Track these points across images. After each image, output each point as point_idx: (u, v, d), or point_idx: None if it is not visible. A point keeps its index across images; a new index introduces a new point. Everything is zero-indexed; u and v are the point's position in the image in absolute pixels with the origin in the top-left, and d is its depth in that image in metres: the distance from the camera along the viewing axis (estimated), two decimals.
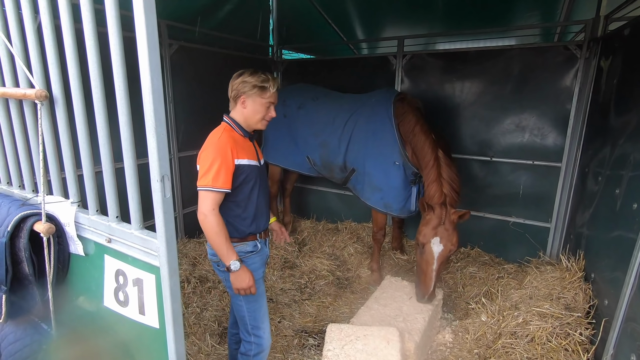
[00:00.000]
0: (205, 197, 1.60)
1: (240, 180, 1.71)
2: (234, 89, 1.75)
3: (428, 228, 2.61)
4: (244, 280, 1.67)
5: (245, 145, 1.78)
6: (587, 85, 3.14)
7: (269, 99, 1.76)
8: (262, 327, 1.88)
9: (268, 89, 1.74)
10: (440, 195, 2.67)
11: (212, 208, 1.60)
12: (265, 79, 1.74)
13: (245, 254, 1.80)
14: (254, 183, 1.78)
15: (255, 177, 1.79)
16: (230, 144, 1.66)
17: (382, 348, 2.16)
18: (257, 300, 1.83)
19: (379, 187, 3.19)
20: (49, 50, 1.21)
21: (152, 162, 0.95)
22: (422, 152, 2.86)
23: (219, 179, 1.60)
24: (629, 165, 2.16)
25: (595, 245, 2.57)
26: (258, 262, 1.87)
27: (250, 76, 1.71)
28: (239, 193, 1.73)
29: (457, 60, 3.70)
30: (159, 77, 0.89)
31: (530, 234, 3.63)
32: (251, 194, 1.77)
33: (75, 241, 1.27)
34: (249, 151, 1.78)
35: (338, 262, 3.80)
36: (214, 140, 1.67)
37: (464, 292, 3.32)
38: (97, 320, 1.29)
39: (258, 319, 1.86)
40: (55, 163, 1.32)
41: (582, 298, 2.46)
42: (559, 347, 2.17)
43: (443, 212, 2.59)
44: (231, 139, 1.69)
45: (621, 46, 2.60)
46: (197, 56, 3.80)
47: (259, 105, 1.75)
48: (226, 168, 1.62)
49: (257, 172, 1.81)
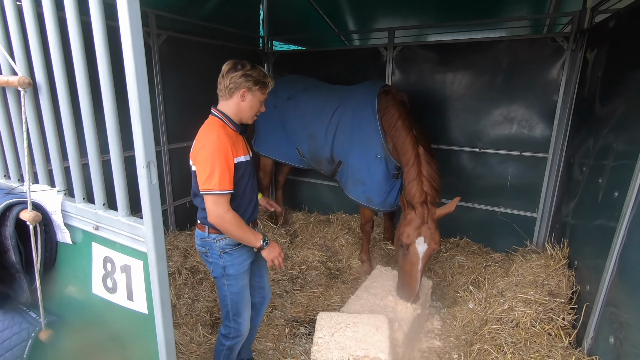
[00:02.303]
0: (217, 201, 1.61)
1: (238, 177, 1.71)
2: (233, 81, 1.68)
3: (411, 228, 2.50)
4: (275, 251, 1.79)
5: (238, 140, 1.77)
6: (573, 77, 3.19)
7: (266, 96, 1.79)
8: (243, 315, 1.95)
9: (268, 85, 1.75)
10: (422, 194, 2.61)
11: (227, 209, 1.63)
12: (265, 74, 1.74)
13: (234, 246, 1.82)
14: (248, 178, 1.79)
15: (249, 171, 1.80)
16: (229, 143, 1.64)
17: (372, 335, 2.20)
18: (239, 292, 1.88)
19: (362, 181, 3.19)
20: (31, 37, 1.19)
21: (138, 148, 0.95)
22: (403, 149, 2.85)
23: (225, 181, 1.61)
24: (611, 156, 2.22)
25: (579, 234, 2.64)
26: (245, 254, 1.88)
27: (252, 70, 1.68)
28: (234, 189, 1.71)
29: (447, 52, 3.72)
30: (143, 62, 0.89)
31: (518, 224, 3.70)
32: (245, 188, 1.79)
33: (62, 229, 1.27)
34: (242, 146, 1.78)
35: (329, 253, 3.84)
36: (212, 139, 1.62)
37: (452, 280, 3.38)
38: (85, 308, 1.29)
39: (240, 309, 1.92)
40: (41, 151, 1.31)
41: (565, 284, 2.52)
42: (542, 332, 2.24)
43: (425, 211, 2.52)
44: (227, 136, 1.66)
45: (606, 38, 2.65)
46: (186, 47, 3.75)
47: (257, 101, 1.75)
48: (229, 169, 1.63)
49: (250, 165, 1.82)
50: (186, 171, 3.98)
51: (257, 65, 1.74)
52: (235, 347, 2.03)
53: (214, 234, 1.79)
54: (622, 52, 2.36)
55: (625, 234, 1.86)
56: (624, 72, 2.26)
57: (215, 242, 1.80)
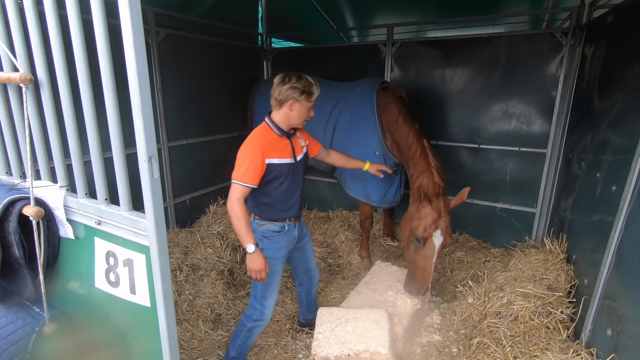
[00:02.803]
0: (234, 188, 1.84)
1: (271, 177, 1.93)
2: (282, 94, 1.88)
3: (428, 221, 2.46)
4: (256, 263, 1.86)
5: (280, 144, 1.96)
6: (571, 72, 3.20)
7: (313, 102, 1.96)
8: (269, 300, 2.10)
9: (313, 93, 1.93)
10: (435, 185, 2.57)
11: (238, 198, 1.83)
12: (310, 83, 1.91)
13: (272, 233, 2.05)
14: (285, 178, 1.98)
15: (287, 172, 1.99)
16: (262, 146, 1.86)
17: (372, 329, 2.22)
18: (270, 275, 2.02)
19: (360, 177, 3.20)
20: (32, 34, 1.20)
21: (139, 143, 0.97)
22: (407, 143, 2.83)
23: (246, 175, 1.83)
24: (609, 150, 2.23)
25: (577, 228, 2.65)
26: (282, 242, 2.09)
27: (298, 82, 1.87)
28: (268, 186, 1.96)
29: (446, 48, 3.73)
30: (144, 56, 0.90)
31: (517, 219, 3.72)
32: (280, 187, 1.98)
33: (64, 225, 1.29)
34: (283, 150, 1.97)
35: (329, 250, 3.85)
36: (249, 140, 1.90)
37: (452, 276, 3.40)
38: (88, 302, 1.31)
39: (267, 292, 2.08)
40: (43, 147, 1.33)
41: (563, 279, 2.54)
42: (541, 325, 2.26)
43: (441, 204, 2.49)
44: (264, 140, 1.89)
45: (604, 33, 2.65)
46: (185, 44, 3.75)
47: (304, 108, 1.94)
48: (254, 167, 1.84)
49: (290, 168, 2.00)
50: (186, 169, 4.03)
51: (304, 75, 1.91)
52: (255, 331, 2.15)
53: (258, 219, 2.06)
54: (619, 47, 2.37)
55: (622, 227, 1.87)
56: (621, 67, 2.27)
57: (258, 226, 2.05)
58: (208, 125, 4.14)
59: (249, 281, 3.38)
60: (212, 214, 3.99)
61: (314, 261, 2.47)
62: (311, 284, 2.54)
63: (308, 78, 1.91)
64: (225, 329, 2.78)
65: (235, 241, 3.59)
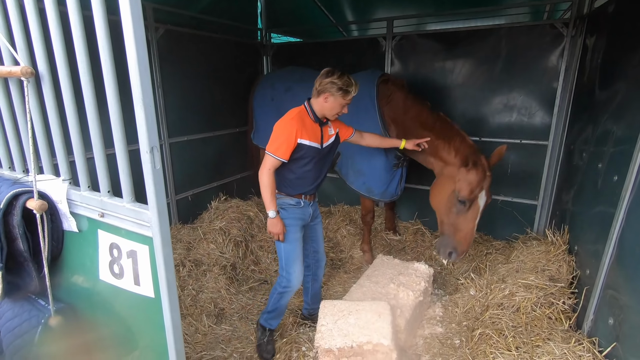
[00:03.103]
0: (267, 159, 2.08)
1: (298, 156, 2.12)
2: (321, 85, 2.06)
3: (474, 183, 2.50)
4: (276, 226, 2.15)
5: (313, 128, 2.15)
6: (573, 63, 3.18)
7: (348, 101, 2.11)
8: (293, 267, 2.30)
9: (350, 92, 2.07)
10: (471, 145, 2.65)
11: (269, 168, 2.07)
12: (350, 83, 2.05)
13: (289, 205, 2.27)
14: (309, 160, 2.17)
15: (312, 156, 2.17)
16: (298, 126, 2.05)
17: (374, 321, 2.23)
18: (291, 243, 2.27)
19: (362, 171, 3.22)
20: (32, 27, 1.20)
21: (141, 134, 0.97)
22: (422, 119, 2.88)
23: (279, 150, 2.05)
24: (611, 141, 2.22)
25: (579, 219, 2.65)
26: (298, 214, 2.29)
27: (338, 79, 2.03)
28: (294, 164, 2.16)
29: (446, 40, 3.71)
30: (144, 47, 0.90)
31: (518, 212, 3.72)
32: (304, 167, 2.18)
33: (68, 218, 1.29)
34: (314, 134, 2.15)
35: (331, 244, 3.86)
36: (287, 118, 2.09)
37: (453, 269, 3.41)
38: (93, 294, 1.32)
39: (290, 260, 2.29)
40: (45, 141, 1.33)
41: (565, 270, 2.55)
42: (543, 316, 2.26)
43: (486, 163, 2.53)
44: (301, 121, 2.08)
45: (605, 23, 2.64)
46: (185, 40, 3.75)
47: (338, 104, 2.11)
48: (287, 144, 2.04)
49: (316, 152, 2.17)
50: (188, 165, 4.04)
51: (346, 74, 2.06)
52: (285, 296, 2.37)
53: (279, 193, 2.27)
54: (620, 37, 2.36)
55: (624, 217, 1.87)
56: (622, 57, 2.26)
57: (278, 199, 2.26)
58: (209, 121, 4.15)
59: (251, 276, 3.39)
60: (214, 210, 4.00)
61: (322, 244, 2.61)
62: (318, 267, 2.65)
63: (349, 78, 2.06)
64: (229, 324, 2.80)
65: (237, 237, 3.60)
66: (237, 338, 2.64)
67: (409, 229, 4.12)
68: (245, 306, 2.99)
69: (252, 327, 2.75)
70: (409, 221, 4.27)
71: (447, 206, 2.68)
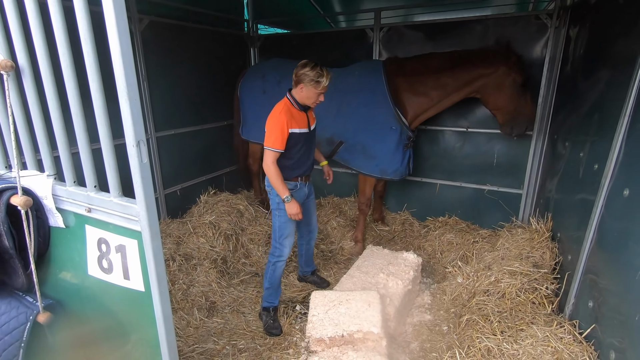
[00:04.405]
0: (268, 154, 2.32)
1: (292, 143, 2.37)
2: (297, 76, 2.29)
3: (522, 66, 3.04)
4: (293, 208, 2.40)
5: (299, 116, 2.40)
6: (557, 54, 3.23)
7: (321, 90, 2.31)
8: (286, 240, 2.59)
9: (321, 83, 2.27)
10: (483, 49, 3.21)
11: (272, 161, 2.32)
12: (321, 74, 2.25)
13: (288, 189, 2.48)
14: (301, 145, 2.43)
15: (303, 140, 2.43)
16: (287, 118, 2.29)
17: (364, 310, 2.27)
18: (287, 221, 2.53)
19: (374, 155, 3.34)
20: (10, 18, 1.17)
21: (127, 128, 0.96)
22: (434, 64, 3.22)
23: (276, 143, 2.29)
24: (592, 130, 2.29)
25: (562, 207, 2.73)
26: (295, 197, 2.49)
27: (311, 70, 2.24)
28: (290, 152, 2.39)
29: (433, 31, 3.73)
30: (128, 40, 0.89)
31: (504, 201, 3.80)
32: (298, 152, 2.44)
33: (54, 214, 1.28)
34: (302, 121, 2.40)
35: (322, 236, 3.89)
36: (277, 112, 2.32)
37: (441, 257, 3.48)
38: (82, 290, 1.32)
39: (284, 235, 2.57)
40: (28, 136, 1.31)
41: (548, 256, 2.63)
42: (527, 301, 2.34)
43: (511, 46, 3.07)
44: (289, 112, 2.32)
45: (587, 14, 2.68)
46: (169, 32, 3.68)
47: (313, 94, 2.32)
48: (282, 136, 2.29)
49: (305, 136, 2.44)
50: (176, 159, 3.99)
51: (319, 65, 2.26)
52: (278, 265, 2.63)
53: None
54: (601, 28, 2.41)
55: (603, 204, 1.94)
56: (603, 48, 2.31)
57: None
58: (196, 114, 4.10)
59: (242, 269, 3.40)
60: (203, 204, 3.98)
61: (315, 217, 2.93)
62: (310, 237, 2.99)
63: (321, 69, 2.26)
64: (221, 316, 2.81)
65: (227, 230, 3.60)
66: (229, 330, 2.66)
67: (397, 220, 4.17)
68: (237, 299, 3.01)
69: (244, 320, 2.78)
70: (397, 212, 4.32)
71: (515, 96, 3.08)
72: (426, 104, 3.30)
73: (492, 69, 3.05)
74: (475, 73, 3.09)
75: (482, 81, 3.11)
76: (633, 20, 1.94)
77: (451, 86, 3.18)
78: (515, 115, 3.16)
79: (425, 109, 3.33)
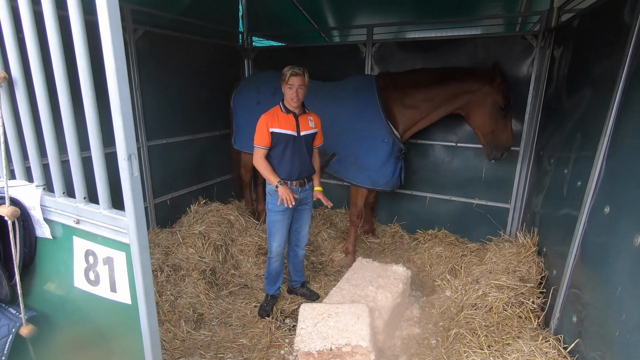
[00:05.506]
0: (255, 151, 2.57)
1: (275, 142, 2.56)
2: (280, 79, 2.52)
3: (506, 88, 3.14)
4: (284, 193, 2.52)
5: (286, 118, 2.56)
6: (542, 74, 3.34)
7: (288, 83, 2.48)
8: (273, 239, 2.80)
9: (286, 75, 2.46)
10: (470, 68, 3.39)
11: (260, 157, 2.57)
12: (285, 71, 2.47)
13: (273, 192, 2.65)
14: (285, 146, 2.57)
15: (286, 142, 2.56)
16: (268, 118, 2.53)
17: (353, 324, 2.27)
18: (273, 222, 2.75)
19: (366, 167, 3.39)
20: (5, 30, 1.18)
21: (119, 141, 0.97)
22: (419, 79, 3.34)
23: (258, 140, 2.54)
24: (575, 148, 2.36)
25: (547, 222, 2.79)
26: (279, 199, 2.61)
27: (285, 70, 2.47)
28: (274, 151, 2.59)
29: (424, 48, 3.82)
30: (123, 55, 0.91)
31: (492, 215, 3.86)
32: (283, 154, 2.59)
33: (41, 224, 1.27)
34: (287, 123, 2.55)
35: (312, 248, 3.89)
36: (262, 115, 2.56)
37: (430, 270, 3.50)
38: (67, 302, 1.30)
39: (271, 234, 2.80)
40: (18, 146, 1.30)
41: (535, 270, 2.67)
42: (513, 315, 2.37)
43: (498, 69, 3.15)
44: (271, 114, 2.55)
45: (570, 36, 2.79)
46: (164, 42, 3.71)
47: (286, 89, 2.52)
48: (263, 134, 2.52)
49: (290, 139, 2.56)
50: (166, 168, 3.98)
51: (293, 65, 2.47)
52: (271, 261, 2.89)
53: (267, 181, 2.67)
54: (584, 50, 2.51)
55: (586, 220, 1.99)
56: (585, 69, 2.40)
57: (267, 185, 2.70)
58: (188, 124, 4.10)
59: (231, 280, 3.38)
60: (193, 214, 3.96)
61: (306, 228, 2.98)
62: (298, 246, 3.03)
63: (290, 67, 2.45)
64: (208, 329, 2.77)
65: (216, 241, 3.58)
66: (216, 343, 2.63)
67: (387, 232, 4.20)
68: (225, 311, 2.97)
69: (232, 332, 2.75)
70: (387, 224, 4.35)
71: (494, 117, 3.18)
72: (416, 116, 3.38)
73: (476, 86, 3.16)
74: (461, 89, 3.20)
75: (467, 97, 3.22)
76: (612, 43, 2.03)
77: (439, 99, 3.27)
78: (493, 138, 3.26)
79: (415, 121, 3.40)
